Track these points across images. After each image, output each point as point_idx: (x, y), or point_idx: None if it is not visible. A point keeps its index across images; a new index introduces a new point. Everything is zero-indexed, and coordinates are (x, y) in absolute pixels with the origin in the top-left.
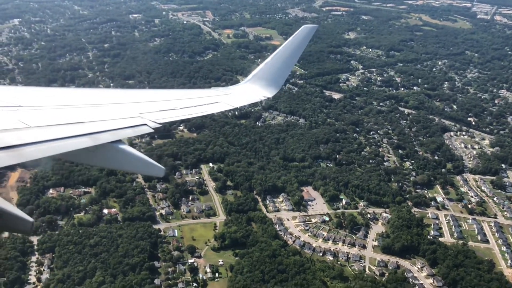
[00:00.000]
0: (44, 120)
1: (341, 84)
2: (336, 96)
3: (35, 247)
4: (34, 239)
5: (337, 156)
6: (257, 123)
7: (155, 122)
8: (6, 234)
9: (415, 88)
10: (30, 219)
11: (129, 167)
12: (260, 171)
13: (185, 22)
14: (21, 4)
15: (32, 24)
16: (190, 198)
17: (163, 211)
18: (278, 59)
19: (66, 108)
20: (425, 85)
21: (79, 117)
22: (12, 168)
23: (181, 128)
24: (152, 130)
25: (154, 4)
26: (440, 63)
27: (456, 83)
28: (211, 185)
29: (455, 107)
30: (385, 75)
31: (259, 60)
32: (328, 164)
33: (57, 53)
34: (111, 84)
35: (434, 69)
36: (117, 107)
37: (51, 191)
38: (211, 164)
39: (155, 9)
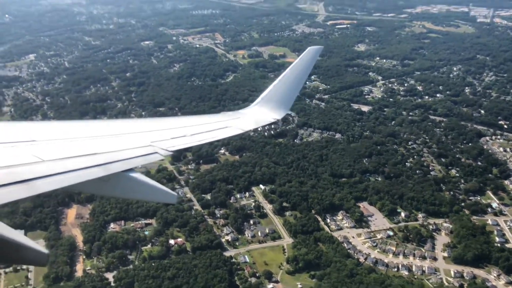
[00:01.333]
0: (57, 153)
1: (366, 97)
2: (365, 108)
3: (112, 284)
4: (109, 276)
5: (384, 169)
6: (295, 140)
7: (166, 150)
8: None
9: (438, 95)
10: (46, 251)
11: (142, 196)
12: (313, 189)
13: (197, 46)
14: (33, 40)
15: (48, 58)
16: (252, 222)
17: (228, 237)
18: (286, 81)
19: (79, 140)
20: (448, 92)
21: (91, 149)
22: (67, 204)
23: (222, 151)
24: (163, 158)
25: (162, 30)
26: (455, 68)
27: (477, 87)
28: (268, 207)
29: (482, 111)
30: (406, 85)
31: None
32: (376, 178)
33: (82, 85)
34: (143, 113)
35: (451, 75)
36: (128, 137)
37: (112, 225)
38: (262, 186)
39: (165, 35)
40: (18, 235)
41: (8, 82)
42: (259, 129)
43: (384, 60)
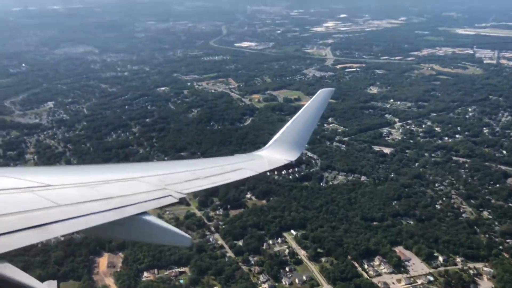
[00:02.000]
0: (71, 197)
1: (386, 138)
2: (386, 150)
3: None
4: None
5: (415, 212)
6: (321, 184)
7: (180, 192)
8: None
9: (457, 136)
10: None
11: (157, 239)
12: (347, 234)
13: (213, 91)
14: (51, 87)
15: (67, 105)
16: (287, 269)
17: (265, 286)
18: (298, 122)
19: (93, 184)
20: (466, 132)
21: (105, 193)
22: (98, 253)
23: (248, 196)
24: (177, 200)
25: (176, 76)
26: (470, 109)
27: (494, 127)
28: (302, 253)
29: (504, 152)
30: (423, 126)
31: None
32: (408, 221)
33: (102, 132)
34: (165, 158)
35: (467, 116)
36: (142, 180)
37: (146, 274)
38: (293, 231)
39: (180, 81)
40: (22, 275)
41: (30, 129)
42: (282, 172)
43: (399, 102)
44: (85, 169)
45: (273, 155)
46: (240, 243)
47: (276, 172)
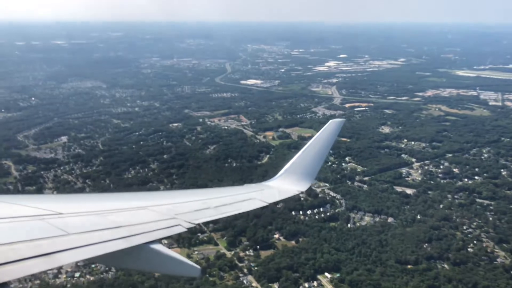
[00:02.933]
0: (81, 226)
1: (406, 179)
2: (409, 191)
3: None
4: None
5: (448, 255)
6: (348, 225)
7: (189, 222)
8: None
9: (476, 177)
10: None
11: (166, 269)
12: (384, 278)
13: (225, 127)
14: (63, 122)
15: (81, 140)
16: None
17: None
18: (308, 153)
19: (104, 213)
20: (485, 174)
21: (115, 222)
22: None
23: (276, 236)
24: (186, 230)
25: (188, 112)
26: (484, 151)
27: None
28: None
29: None
30: (441, 167)
31: None
32: (442, 265)
33: (121, 168)
34: None
35: (483, 157)
36: (152, 209)
37: None
38: (327, 274)
39: (192, 117)
40: None
41: (46, 164)
42: (308, 212)
43: (413, 142)
44: (97, 198)
45: (284, 185)
46: (275, 286)
47: (301, 212)
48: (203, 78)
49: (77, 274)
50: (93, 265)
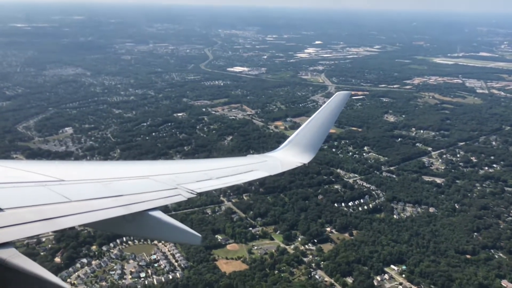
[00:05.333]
0: (83, 193)
1: (430, 168)
2: (438, 180)
3: None
4: None
5: (501, 244)
6: (394, 216)
7: (191, 192)
8: None
9: (495, 165)
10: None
11: (166, 236)
12: (452, 268)
13: (232, 117)
14: (60, 112)
15: (88, 131)
16: None
17: None
18: (313, 124)
19: (106, 181)
20: (502, 162)
21: (117, 190)
22: None
23: (328, 229)
24: (185, 199)
25: (186, 101)
26: (491, 139)
27: None
28: None
29: None
30: (458, 156)
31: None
32: (498, 254)
33: (142, 160)
34: None
35: (493, 145)
36: (155, 179)
37: None
38: (393, 267)
39: (194, 107)
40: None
41: (62, 158)
42: (349, 204)
43: (422, 131)
44: (99, 165)
45: (287, 156)
46: (349, 279)
47: (343, 204)
48: (187, 65)
49: (142, 274)
50: (155, 264)
